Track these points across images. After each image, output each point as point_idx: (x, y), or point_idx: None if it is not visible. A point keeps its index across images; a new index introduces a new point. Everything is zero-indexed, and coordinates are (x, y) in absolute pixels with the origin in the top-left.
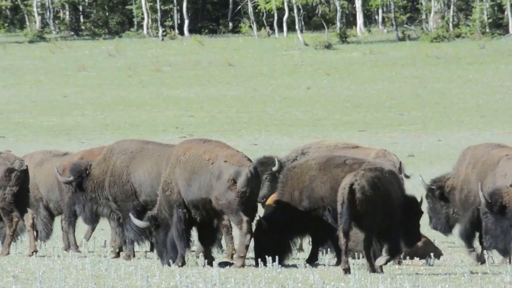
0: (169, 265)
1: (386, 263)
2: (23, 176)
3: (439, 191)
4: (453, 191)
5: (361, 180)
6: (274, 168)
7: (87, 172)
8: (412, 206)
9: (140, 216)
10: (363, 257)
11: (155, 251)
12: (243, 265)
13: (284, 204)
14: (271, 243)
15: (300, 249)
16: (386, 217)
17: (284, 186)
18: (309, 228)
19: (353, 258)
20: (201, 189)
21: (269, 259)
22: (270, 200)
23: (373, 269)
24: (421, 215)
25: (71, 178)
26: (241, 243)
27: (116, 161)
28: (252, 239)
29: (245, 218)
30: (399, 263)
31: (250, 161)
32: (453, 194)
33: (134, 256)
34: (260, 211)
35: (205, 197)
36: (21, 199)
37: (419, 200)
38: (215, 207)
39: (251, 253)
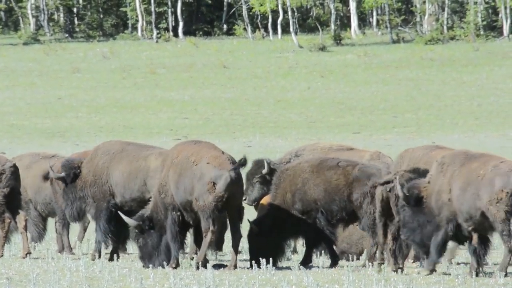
0: (162, 267)
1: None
2: (14, 178)
3: None
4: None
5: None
6: (264, 171)
7: (79, 170)
8: None
9: (111, 218)
10: (357, 259)
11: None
12: (198, 267)
13: (277, 206)
14: (265, 245)
15: (294, 251)
16: None
17: (277, 188)
18: (302, 230)
19: (347, 260)
20: (186, 191)
21: (263, 261)
22: (263, 202)
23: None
24: None
25: (63, 173)
26: (202, 251)
27: (99, 162)
28: (246, 241)
29: (212, 228)
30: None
31: (235, 163)
32: None
33: (100, 257)
34: (252, 214)
35: (190, 199)
36: (12, 201)
37: None
38: (194, 209)
39: (245, 255)
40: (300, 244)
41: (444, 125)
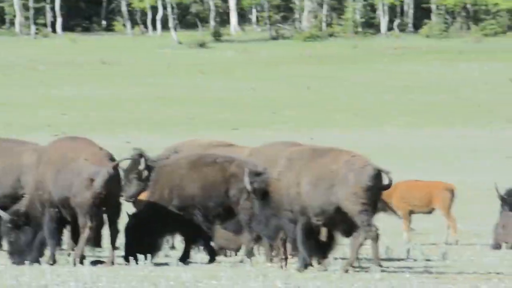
0: (39, 263)
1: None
2: None
3: None
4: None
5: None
6: (140, 167)
7: None
8: None
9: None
10: (235, 255)
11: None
12: (76, 264)
13: (154, 202)
14: (142, 241)
15: (172, 247)
16: None
17: (155, 184)
18: (179, 226)
19: (225, 256)
20: (63, 187)
21: (141, 257)
22: (141, 198)
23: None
24: None
25: None
26: (79, 247)
27: None
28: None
29: (89, 224)
30: (271, 260)
31: (113, 160)
32: None
33: None
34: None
35: (67, 196)
36: None
37: None
38: (72, 205)
39: (122, 252)
40: (179, 240)
41: (322, 122)
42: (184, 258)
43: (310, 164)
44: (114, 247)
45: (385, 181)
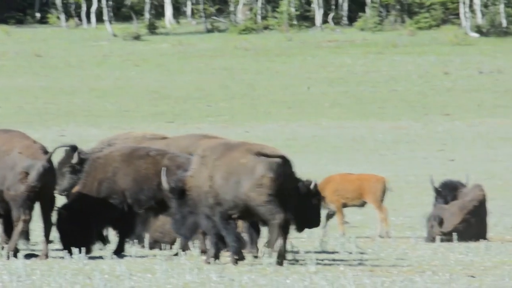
0: None
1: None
2: None
3: None
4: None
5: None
6: (73, 161)
7: None
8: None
9: None
10: (170, 248)
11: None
12: (9, 257)
13: (86, 194)
14: (74, 233)
15: (107, 240)
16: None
17: (88, 176)
18: (112, 219)
19: (160, 249)
20: None
21: (75, 250)
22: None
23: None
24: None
25: None
26: (12, 240)
27: None
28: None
29: (23, 217)
30: (204, 252)
31: (47, 153)
32: None
33: None
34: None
35: (1, 189)
36: None
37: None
38: (5, 198)
39: (57, 245)
40: (113, 234)
41: (257, 114)
42: (119, 251)
43: (222, 159)
44: (48, 241)
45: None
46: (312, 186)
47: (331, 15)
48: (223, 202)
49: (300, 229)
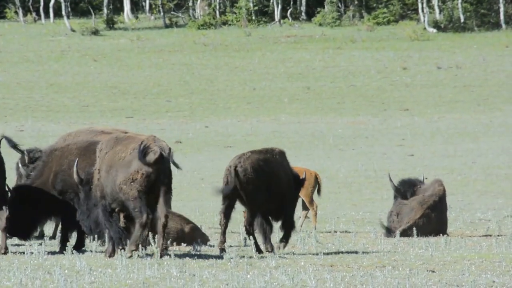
0: None
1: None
2: None
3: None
4: None
5: (244, 163)
6: (24, 164)
7: None
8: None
9: None
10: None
11: None
12: None
13: (41, 183)
14: (21, 219)
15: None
16: (273, 196)
17: (44, 166)
18: (59, 211)
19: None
20: None
21: (35, 246)
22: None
23: (260, 251)
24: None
25: None
26: None
27: None
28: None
29: None
30: (166, 248)
31: None
32: None
33: None
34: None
35: None
36: None
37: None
38: None
39: (17, 240)
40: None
41: (217, 110)
42: (79, 247)
43: (109, 153)
44: (5, 236)
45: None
46: None
47: (289, 10)
48: (105, 195)
49: None
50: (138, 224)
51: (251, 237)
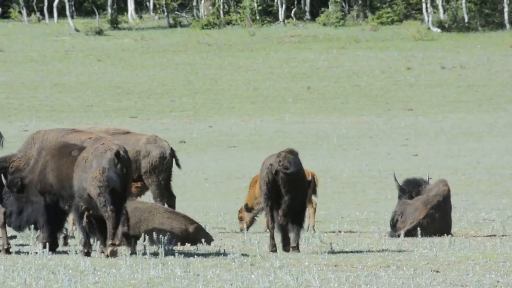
0: None
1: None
2: None
3: (4, 172)
4: (17, 173)
5: (284, 161)
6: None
7: None
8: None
9: None
10: (135, 243)
11: None
12: None
13: (30, 181)
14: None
15: (72, 236)
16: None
17: (35, 164)
18: (41, 212)
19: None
20: None
21: (39, 246)
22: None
23: (287, 249)
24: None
25: None
26: None
27: None
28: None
29: None
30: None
31: None
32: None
33: None
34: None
35: None
36: None
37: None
38: None
39: (21, 240)
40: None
41: (221, 109)
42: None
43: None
44: (5, 235)
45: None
46: None
47: (293, 10)
48: (75, 195)
49: None
50: (106, 218)
51: (281, 230)
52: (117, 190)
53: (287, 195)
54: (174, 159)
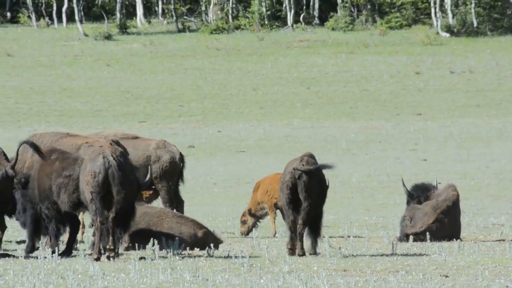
0: None
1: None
2: None
3: None
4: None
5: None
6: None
7: None
8: None
9: None
10: (143, 248)
11: None
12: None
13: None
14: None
15: (81, 241)
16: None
17: (32, 169)
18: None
19: (133, 249)
20: None
21: (48, 250)
22: None
23: (303, 252)
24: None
25: None
26: None
27: None
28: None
29: None
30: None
31: (8, 160)
32: None
33: None
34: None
35: None
36: None
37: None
38: None
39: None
40: (89, 235)
41: (229, 114)
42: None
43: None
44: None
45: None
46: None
47: (302, 15)
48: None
49: None
50: (95, 226)
51: (299, 237)
52: (111, 195)
53: (307, 200)
54: (182, 164)
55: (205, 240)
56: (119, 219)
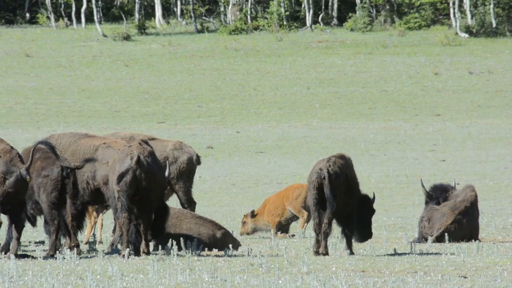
0: None
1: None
2: None
3: None
4: None
5: (334, 167)
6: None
7: None
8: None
9: None
10: (163, 249)
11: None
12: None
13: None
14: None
15: (100, 242)
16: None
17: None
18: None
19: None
20: None
21: (67, 251)
22: None
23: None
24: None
25: None
26: (14, 244)
27: None
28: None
29: None
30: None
31: (23, 162)
32: None
33: None
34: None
35: None
36: None
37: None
38: None
39: (47, 246)
40: (109, 236)
41: (248, 115)
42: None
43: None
44: (19, 240)
45: None
46: None
47: (321, 15)
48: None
49: None
50: (119, 224)
51: (323, 235)
52: (137, 195)
53: (332, 200)
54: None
55: (224, 241)
56: (150, 220)
